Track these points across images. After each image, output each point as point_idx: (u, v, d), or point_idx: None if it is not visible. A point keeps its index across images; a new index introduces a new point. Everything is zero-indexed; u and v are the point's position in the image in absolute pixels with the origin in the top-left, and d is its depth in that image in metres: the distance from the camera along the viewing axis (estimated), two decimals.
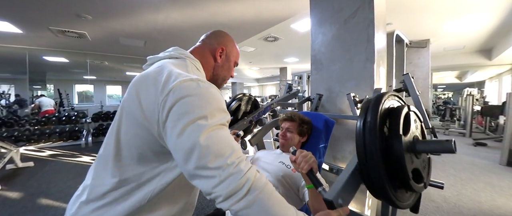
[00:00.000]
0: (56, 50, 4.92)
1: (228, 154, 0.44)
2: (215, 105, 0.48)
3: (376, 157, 0.52)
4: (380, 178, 0.52)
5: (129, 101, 0.51)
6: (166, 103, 0.46)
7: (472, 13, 3.25)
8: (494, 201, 2.17)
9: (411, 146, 0.57)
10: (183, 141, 0.44)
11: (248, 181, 0.43)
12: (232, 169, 0.43)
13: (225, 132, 0.48)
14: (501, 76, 7.55)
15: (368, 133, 0.54)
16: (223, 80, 0.73)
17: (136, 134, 0.51)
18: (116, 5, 2.77)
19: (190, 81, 0.48)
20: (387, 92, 0.63)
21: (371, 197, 1.52)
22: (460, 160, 3.50)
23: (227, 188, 0.42)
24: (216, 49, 0.68)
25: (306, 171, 0.66)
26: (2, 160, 2.75)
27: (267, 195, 0.45)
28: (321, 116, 1.32)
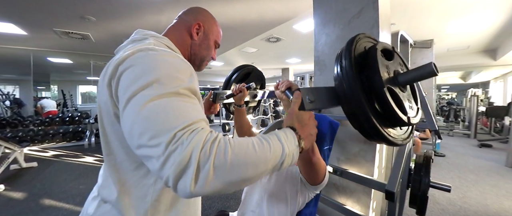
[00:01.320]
0: (60, 51, 4.97)
1: (175, 125, 0.35)
2: (165, 72, 0.40)
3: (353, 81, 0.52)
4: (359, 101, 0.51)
5: (98, 92, 0.49)
6: (113, 80, 0.42)
7: (477, 12, 3.21)
8: (501, 204, 2.13)
9: (393, 79, 0.57)
10: (125, 116, 0.38)
11: (195, 149, 0.33)
12: (174, 143, 0.33)
13: (179, 101, 0.39)
14: (506, 77, 7.46)
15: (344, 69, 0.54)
16: (202, 61, 0.67)
17: (112, 124, 0.47)
18: (119, 7, 2.79)
19: (139, 51, 0.43)
20: (358, 34, 0.62)
21: (375, 200, 1.50)
22: (465, 161, 3.46)
23: (171, 166, 0.33)
24: (192, 25, 0.63)
25: (285, 88, 0.64)
26: (6, 160, 2.77)
27: (223, 153, 0.35)
28: (326, 118, 1.30)
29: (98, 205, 0.51)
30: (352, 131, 1.57)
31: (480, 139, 4.86)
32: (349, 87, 0.52)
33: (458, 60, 5.83)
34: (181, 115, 0.37)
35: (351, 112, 0.56)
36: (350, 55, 0.54)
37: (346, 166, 1.58)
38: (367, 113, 0.51)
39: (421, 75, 0.53)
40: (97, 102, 0.50)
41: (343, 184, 1.58)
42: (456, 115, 6.93)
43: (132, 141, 0.38)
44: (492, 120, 5.83)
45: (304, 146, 0.46)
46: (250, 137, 0.40)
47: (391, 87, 0.54)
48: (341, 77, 0.54)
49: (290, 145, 0.42)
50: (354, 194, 1.53)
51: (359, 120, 0.55)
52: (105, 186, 0.51)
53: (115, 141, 0.48)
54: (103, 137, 0.50)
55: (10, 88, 7.43)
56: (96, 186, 0.57)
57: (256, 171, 0.37)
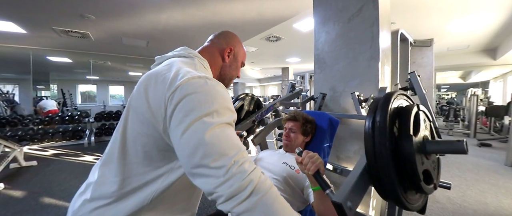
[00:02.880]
0: (59, 50, 4.96)
1: (233, 153, 0.42)
2: (222, 103, 0.47)
3: (386, 158, 0.51)
4: (390, 179, 0.51)
5: (137, 98, 0.51)
6: (173, 99, 0.45)
7: (477, 12, 3.21)
8: (500, 203, 2.13)
9: (421, 147, 0.56)
10: (188, 138, 0.43)
11: (252, 182, 0.41)
12: (235, 169, 0.41)
13: (231, 131, 0.46)
14: (505, 76, 7.47)
15: (377, 133, 0.52)
16: (230, 80, 0.74)
17: (142, 132, 0.50)
18: (119, 5, 2.78)
19: (198, 78, 0.48)
20: (396, 91, 0.61)
21: (375, 198, 1.50)
22: (465, 160, 3.46)
23: (230, 188, 0.40)
24: (225, 49, 0.69)
25: (313, 172, 0.64)
26: (5, 159, 2.77)
27: (272, 199, 0.43)
28: (326, 115, 1.30)
29: (83, 203, 0.52)
30: (352, 129, 1.57)
31: (479, 139, 4.86)
32: (385, 175, 0.51)
33: (458, 60, 5.84)
34: (235, 144, 0.45)
35: (381, 186, 0.55)
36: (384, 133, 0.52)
37: (346, 164, 1.58)
38: (398, 195, 0.51)
39: (451, 150, 0.53)
40: (129, 103, 0.54)
41: (343, 182, 1.58)
42: (456, 115, 6.93)
43: (192, 160, 0.43)
44: (492, 119, 5.83)
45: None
46: (293, 210, 0.47)
47: (423, 165, 0.54)
48: (373, 156, 0.52)
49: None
50: None
51: (386, 194, 0.55)
52: (101, 183, 0.52)
53: (136, 145, 0.51)
54: (121, 138, 0.52)
55: (9, 87, 7.41)
56: (86, 183, 0.56)
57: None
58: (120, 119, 0.56)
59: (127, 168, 0.51)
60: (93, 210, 0.50)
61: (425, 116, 0.63)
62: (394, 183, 0.51)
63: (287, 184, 0.96)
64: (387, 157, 0.51)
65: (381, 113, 0.54)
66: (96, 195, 0.51)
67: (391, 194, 0.53)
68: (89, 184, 0.54)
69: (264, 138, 1.58)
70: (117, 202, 0.50)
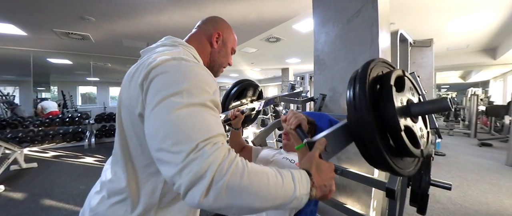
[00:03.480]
0: (60, 52, 4.97)
1: (198, 137, 0.36)
2: (195, 83, 0.43)
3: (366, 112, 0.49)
4: (372, 137, 0.49)
5: (123, 89, 0.51)
6: (146, 82, 0.44)
7: (476, 12, 3.22)
8: (501, 203, 2.13)
9: (406, 109, 0.55)
10: (153, 118, 0.40)
11: (212, 165, 0.34)
12: (194, 153, 0.35)
13: (204, 113, 0.41)
14: (506, 76, 7.46)
15: (357, 96, 0.51)
16: (220, 67, 0.71)
17: (132, 122, 0.49)
18: (119, 7, 2.79)
19: (173, 60, 0.45)
20: (375, 59, 0.60)
21: (376, 199, 1.50)
22: (466, 161, 3.45)
23: (187, 175, 0.34)
24: (212, 35, 0.67)
25: (294, 126, 0.64)
26: (6, 161, 2.77)
27: (239, 175, 0.35)
28: (325, 116, 1.30)
29: (102, 199, 0.52)
30: None
31: (480, 138, 4.85)
32: (363, 123, 0.50)
33: (458, 59, 5.84)
34: (204, 127, 0.38)
35: (362, 145, 0.54)
36: (364, 85, 0.51)
37: (347, 165, 1.58)
38: (381, 152, 0.49)
39: (436, 109, 0.52)
40: (119, 99, 0.53)
41: (343, 183, 1.58)
42: (456, 115, 6.93)
43: (154, 142, 0.39)
44: (492, 119, 5.83)
45: (315, 194, 0.45)
46: (267, 168, 0.41)
47: (405, 121, 0.52)
48: (353, 109, 0.52)
49: (301, 189, 0.41)
50: (354, 193, 1.53)
51: (369, 153, 0.53)
52: (113, 180, 0.52)
53: (133, 138, 0.50)
54: (119, 132, 0.52)
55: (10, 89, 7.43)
56: (99, 181, 0.57)
57: (263, 204, 0.37)
58: (116, 116, 0.55)
59: (132, 163, 0.51)
60: (111, 206, 0.50)
61: (412, 85, 0.62)
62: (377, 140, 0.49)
63: None
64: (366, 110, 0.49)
65: (360, 79, 0.53)
66: (111, 192, 0.51)
67: (375, 153, 0.51)
68: (103, 183, 0.55)
69: (265, 138, 1.58)
70: (130, 197, 0.49)
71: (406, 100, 0.56)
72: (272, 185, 0.38)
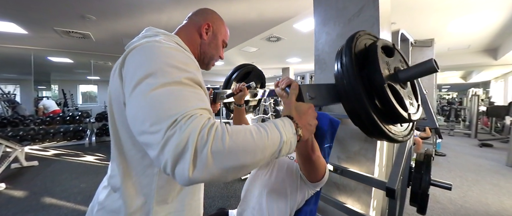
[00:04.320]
0: (60, 50, 4.97)
1: (175, 113, 0.35)
2: (168, 61, 0.41)
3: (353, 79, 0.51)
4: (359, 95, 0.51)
5: (110, 83, 0.51)
6: (123, 69, 0.44)
7: (477, 12, 3.21)
8: (502, 203, 2.13)
9: (393, 76, 0.56)
10: (130, 105, 0.40)
11: (192, 134, 0.33)
12: (173, 128, 0.34)
13: (182, 91, 0.39)
14: (507, 76, 7.44)
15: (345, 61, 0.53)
16: (211, 59, 0.70)
17: (121, 114, 0.48)
18: (120, 6, 2.79)
19: (146, 43, 0.45)
20: (359, 31, 0.62)
21: (376, 198, 1.50)
22: (466, 161, 3.45)
23: (169, 152, 0.33)
24: (202, 25, 0.66)
25: (285, 85, 0.63)
26: (7, 159, 2.78)
27: (221, 138, 0.34)
28: (326, 116, 1.30)
29: (109, 194, 0.53)
30: (353, 129, 1.57)
31: (480, 139, 4.85)
32: (350, 84, 0.52)
33: (459, 60, 5.82)
34: (182, 103, 0.37)
35: (352, 109, 0.56)
36: (350, 52, 0.54)
37: (347, 164, 1.58)
38: (368, 110, 0.51)
39: (422, 71, 0.53)
40: (108, 92, 0.52)
41: (343, 182, 1.58)
42: (457, 115, 6.92)
43: (135, 127, 0.38)
44: (493, 119, 5.82)
45: (302, 134, 0.45)
46: (248, 125, 0.40)
47: (392, 83, 0.54)
48: (341, 74, 0.54)
49: (287, 133, 0.42)
50: (354, 192, 1.53)
51: (359, 117, 0.55)
52: (113, 176, 0.53)
53: (123, 130, 0.49)
54: (112, 126, 0.52)
55: (11, 88, 7.45)
56: (106, 177, 0.59)
57: (254, 158, 0.37)
58: (108, 112, 0.55)
59: (126, 156, 0.50)
60: (116, 200, 0.51)
61: (400, 56, 0.64)
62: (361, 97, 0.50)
63: (289, 175, 0.96)
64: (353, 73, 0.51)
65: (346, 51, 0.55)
66: (114, 187, 0.52)
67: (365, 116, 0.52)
68: (108, 177, 0.56)
69: None
70: (128, 190, 0.50)
71: (393, 67, 0.58)
72: (257, 138, 0.38)
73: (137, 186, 0.50)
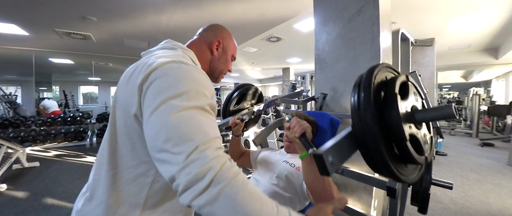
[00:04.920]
0: (61, 52, 4.99)
1: (198, 139, 0.38)
2: (194, 86, 0.44)
3: (372, 122, 0.49)
4: (378, 146, 0.49)
5: (120, 90, 0.51)
6: (146, 84, 0.44)
7: (478, 11, 3.20)
8: (504, 203, 2.12)
9: (410, 116, 0.54)
10: (153, 120, 0.41)
11: (212, 169, 0.36)
12: (195, 155, 0.37)
13: (203, 116, 0.42)
14: (508, 75, 7.42)
15: (362, 105, 0.51)
16: (220, 74, 0.72)
17: (127, 123, 0.49)
18: (120, 7, 2.80)
19: (173, 62, 0.46)
20: (380, 64, 0.61)
21: (377, 198, 1.50)
22: (467, 160, 3.44)
23: (187, 176, 0.36)
24: (213, 42, 0.68)
25: (299, 134, 0.63)
26: (8, 160, 2.79)
27: (236, 189, 0.36)
28: (327, 116, 1.30)
29: (88, 200, 0.52)
30: None
31: (482, 138, 4.83)
32: (369, 133, 0.50)
33: (460, 59, 5.81)
34: (203, 130, 0.40)
35: (367, 154, 0.55)
36: (369, 93, 0.51)
37: (347, 164, 1.58)
38: (386, 161, 0.49)
39: (440, 116, 0.52)
40: (114, 98, 0.53)
41: (344, 182, 1.58)
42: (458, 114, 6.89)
43: (155, 144, 0.40)
44: (494, 119, 5.80)
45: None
46: (266, 197, 0.40)
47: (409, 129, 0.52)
48: (358, 119, 0.52)
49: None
50: (355, 192, 1.53)
51: (373, 161, 0.54)
52: (96, 181, 0.52)
53: (125, 138, 0.50)
54: (111, 131, 0.52)
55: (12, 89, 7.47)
56: (87, 184, 0.57)
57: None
58: (110, 115, 0.55)
59: (118, 162, 0.50)
60: (95, 207, 0.50)
61: (416, 90, 0.62)
62: (381, 148, 0.49)
63: (289, 182, 0.96)
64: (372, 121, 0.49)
65: (365, 84, 0.52)
66: (94, 194, 0.51)
67: (379, 161, 0.51)
68: (89, 185, 0.55)
69: (265, 138, 1.58)
70: (112, 197, 0.49)
71: (410, 106, 0.56)
72: (265, 214, 0.37)
73: (123, 194, 0.50)
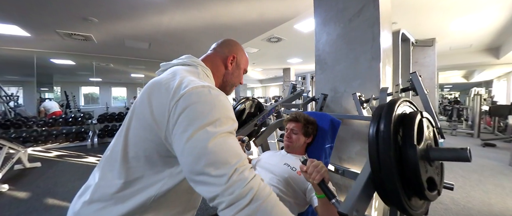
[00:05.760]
0: (63, 53, 5.01)
1: (234, 162, 0.44)
2: (224, 113, 0.49)
3: (390, 167, 0.51)
4: (394, 187, 0.51)
5: (141, 104, 0.53)
6: (177, 108, 0.47)
7: (479, 11, 3.19)
8: (505, 203, 2.11)
9: (425, 154, 0.56)
10: (191, 146, 0.44)
11: (252, 189, 0.43)
12: (236, 176, 0.43)
13: (233, 140, 0.48)
14: (509, 75, 7.39)
15: (381, 142, 0.53)
16: (232, 87, 0.76)
17: (144, 137, 0.51)
18: (121, 8, 2.81)
19: (202, 87, 0.50)
20: (399, 99, 0.61)
21: (378, 199, 1.49)
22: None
23: (231, 195, 0.42)
24: (228, 57, 0.71)
25: (318, 181, 0.65)
26: (10, 160, 2.80)
27: (271, 206, 0.44)
28: (327, 116, 1.30)
29: (89, 203, 0.52)
30: (354, 130, 1.57)
31: (483, 139, 4.80)
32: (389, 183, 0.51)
33: (461, 59, 5.79)
34: (236, 153, 0.46)
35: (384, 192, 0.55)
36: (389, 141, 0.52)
37: (348, 165, 1.58)
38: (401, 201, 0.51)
39: (455, 158, 0.53)
40: (133, 107, 0.56)
41: (345, 183, 1.58)
42: (459, 115, 6.88)
43: (195, 168, 0.44)
44: (496, 119, 5.77)
45: None
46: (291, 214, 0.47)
47: (425, 168, 0.54)
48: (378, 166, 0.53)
49: None
50: None
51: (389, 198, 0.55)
52: (103, 185, 0.53)
53: (139, 150, 0.52)
54: (124, 139, 0.53)
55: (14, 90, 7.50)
56: (85, 185, 0.57)
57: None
58: (122, 124, 0.57)
59: (130, 172, 0.52)
60: (95, 211, 0.50)
61: (428, 122, 0.62)
62: (398, 191, 0.51)
63: (289, 185, 0.96)
64: (392, 166, 0.51)
65: (385, 122, 0.54)
66: (95, 197, 0.52)
67: (395, 202, 0.53)
68: (88, 186, 0.55)
69: (266, 139, 1.58)
70: (116, 204, 0.50)
71: (426, 144, 0.58)
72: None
73: (133, 199, 0.51)
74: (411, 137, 0.53)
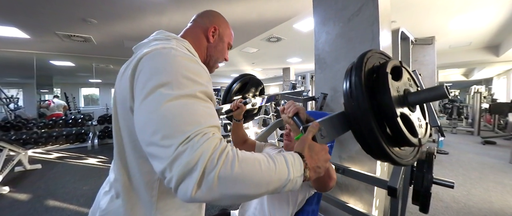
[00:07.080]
0: (62, 54, 5.01)
1: (189, 129, 0.35)
2: (184, 73, 0.41)
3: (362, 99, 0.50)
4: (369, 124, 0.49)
5: (116, 87, 0.51)
6: (135, 74, 0.43)
7: (478, 8, 3.19)
8: (506, 201, 2.11)
9: (402, 98, 0.55)
10: (141, 111, 0.39)
11: (203, 155, 0.33)
12: (184, 145, 0.34)
13: (195, 104, 0.39)
14: (509, 73, 7.38)
15: (353, 84, 0.51)
16: (216, 62, 0.70)
17: (125, 117, 0.48)
18: (120, 9, 2.80)
19: (162, 49, 0.45)
20: (371, 50, 0.59)
21: (378, 198, 1.49)
22: (469, 159, 3.43)
23: (177, 168, 0.33)
24: (208, 28, 0.65)
25: (292, 114, 0.64)
26: (10, 162, 2.80)
27: (231, 165, 0.34)
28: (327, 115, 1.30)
29: (111, 200, 0.51)
30: None
31: (483, 136, 4.81)
32: (359, 109, 0.50)
33: (460, 57, 5.79)
34: (195, 119, 0.37)
35: (359, 132, 0.54)
36: (360, 73, 0.51)
37: (349, 164, 1.58)
38: (378, 139, 0.49)
39: (433, 97, 0.52)
40: (114, 96, 0.51)
41: (345, 182, 1.58)
42: (459, 113, 6.88)
43: (144, 136, 0.38)
44: (496, 117, 5.77)
45: (308, 176, 0.44)
46: (258, 154, 0.40)
47: (403, 112, 0.52)
48: (350, 97, 0.52)
49: (295, 172, 0.41)
50: (356, 192, 1.52)
51: (367, 142, 0.53)
52: (117, 180, 0.51)
53: (125, 133, 0.49)
54: (115, 130, 0.51)
55: (14, 92, 7.50)
56: (107, 181, 0.57)
57: (257, 190, 0.37)
58: (112, 115, 0.54)
59: (126, 160, 0.50)
60: (120, 206, 0.50)
61: (410, 76, 0.61)
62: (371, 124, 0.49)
63: None
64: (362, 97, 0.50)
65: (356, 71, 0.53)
66: (117, 191, 0.51)
67: (372, 141, 0.51)
68: (111, 183, 0.54)
69: (266, 138, 1.58)
70: (129, 197, 0.49)
71: (403, 89, 0.57)
72: (265, 170, 0.37)
73: (139, 193, 0.49)
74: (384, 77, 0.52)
